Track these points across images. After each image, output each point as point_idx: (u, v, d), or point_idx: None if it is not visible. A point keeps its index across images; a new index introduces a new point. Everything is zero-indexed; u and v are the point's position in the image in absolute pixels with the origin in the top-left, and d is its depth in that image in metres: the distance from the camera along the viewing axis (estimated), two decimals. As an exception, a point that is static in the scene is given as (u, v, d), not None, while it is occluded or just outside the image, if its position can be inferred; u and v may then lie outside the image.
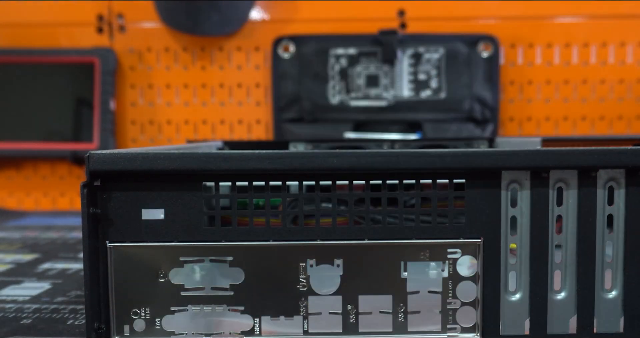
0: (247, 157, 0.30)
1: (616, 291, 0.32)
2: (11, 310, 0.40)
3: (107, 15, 0.95)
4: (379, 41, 0.89)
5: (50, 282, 0.48)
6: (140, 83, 0.96)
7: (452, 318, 0.32)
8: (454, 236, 0.31)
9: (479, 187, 0.31)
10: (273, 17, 0.94)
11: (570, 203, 0.31)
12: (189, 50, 0.95)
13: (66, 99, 0.94)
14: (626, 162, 0.31)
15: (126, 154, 0.30)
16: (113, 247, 0.31)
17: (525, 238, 0.31)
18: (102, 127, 0.92)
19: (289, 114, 0.92)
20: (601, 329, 0.32)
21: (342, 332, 0.32)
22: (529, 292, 0.32)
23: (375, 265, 0.31)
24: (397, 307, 0.32)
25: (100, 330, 0.31)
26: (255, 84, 0.95)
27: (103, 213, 0.31)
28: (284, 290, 0.31)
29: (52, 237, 0.70)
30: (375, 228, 0.31)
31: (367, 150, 0.31)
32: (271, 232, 0.31)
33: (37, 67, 0.94)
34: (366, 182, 0.31)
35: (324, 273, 0.31)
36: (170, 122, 0.96)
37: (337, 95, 0.91)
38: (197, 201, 0.31)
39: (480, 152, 0.30)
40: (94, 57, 0.93)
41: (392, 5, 0.92)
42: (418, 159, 0.30)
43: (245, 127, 0.96)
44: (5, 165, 0.97)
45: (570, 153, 0.30)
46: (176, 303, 0.31)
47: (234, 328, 0.32)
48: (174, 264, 0.31)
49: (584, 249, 0.31)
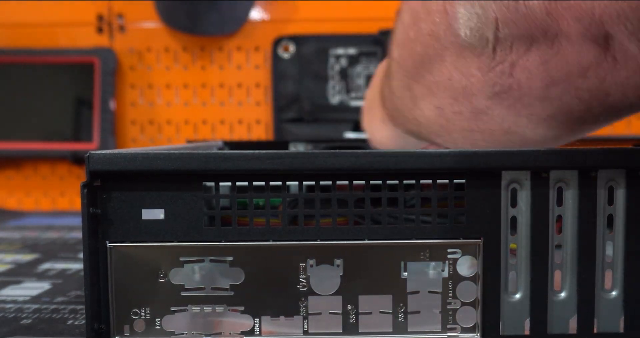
0: (247, 157, 0.30)
1: (616, 291, 0.32)
2: (11, 310, 0.40)
3: (107, 15, 0.95)
4: (379, 41, 0.90)
5: (50, 282, 0.48)
6: (140, 83, 0.96)
7: (452, 319, 0.32)
8: (454, 236, 0.31)
9: (479, 187, 0.31)
10: (273, 17, 0.95)
11: (570, 203, 0.31)
12: (189, 50, 0.95)
13: (66, 99, 0.94)
14: (626, 162, 0.31)
15: (126, 154, 0.30)
16: (113, 247, 0.31)
17: (525, 238, 0.31)
18: (102, 127, 0.92)
19: (289, 114, 0.92)
20: (601, 329, 0.32)
21: (342, 332, 0.32)
22: (529, 292, 0.32)
23: (375, 265, 0.31)
24: (397, 307, 0.32)
25: (100, 330, 0.31)
26: (255, 83, 0.95)
27: (103, 213, 0.31)
28: (284, 290, 0.31)
29: (52, 237, 0.70)
30: (375, 228, 0.31)
31: (367, 150, 0.31)
32: (271, 232, 0.31)
33: (37, 67, 0.94)
34: (366, 182, 0.31)
35: (324, 274, 0.31)
36: (170, 122, 0.96)
37: (337, 95, 0.91)
38: (197, 201, 0.31)
39: (480, 152, 0.30)
40: (94, 57, 0.93)
41: (392, 5, 0.92)
42: (418, 159, 0.30)
43: (245, 127, 0.96)
44: (5, 165, 0.97)
45: (570, 153, 0.30)
46: (176, 304, 0.31)
47: (234, 329, 0.32)
48: (174, 264, 0.31)
49: (584, 249, 0.31)
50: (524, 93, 0.28)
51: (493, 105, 0.29)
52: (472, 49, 0.28)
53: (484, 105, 0.30)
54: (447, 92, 0.31)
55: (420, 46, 0.31)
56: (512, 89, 0.28)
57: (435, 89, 0.31)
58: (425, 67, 0.31)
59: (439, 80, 0.31)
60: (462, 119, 0.31)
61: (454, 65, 0.29)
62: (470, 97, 0.30)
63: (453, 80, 0.30)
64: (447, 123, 0.32)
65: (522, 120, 0.30)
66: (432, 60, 0.30)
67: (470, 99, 0.30)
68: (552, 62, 0.27)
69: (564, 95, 0.28)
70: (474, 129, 0.31)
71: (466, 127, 0.31)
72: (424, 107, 0.33)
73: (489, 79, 0.28)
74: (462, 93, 0.30)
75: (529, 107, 0.29)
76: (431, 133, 0.34)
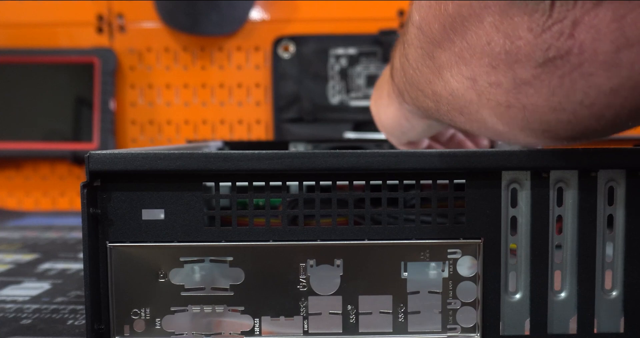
0: (247, 157, 0.30)
1: (616, 291, 0.32)
2: (11, 310, 0.40)
3: (107, 15, 0.95)
4: (379, 41, 0.90)
5: (50, 282, 0.48)
6: (140, 83, 0.96)
7: (452, 319, 0.32)
8: (454, 236, 0.31)
9: (479, 187, 0.31)
10: (273, 17, 0.94)
11: (570, 203, 0.31)
12: (189, 50, 0.95)
13: (66, 99, 0.94)
14: (626, 162, 0.31)
15: (126, 154, 0.30)
16: (113, 247, 0.31)
17: (525, 238, 0.31)
18: (102, 127, 0.92)
19: (289, 114, 0.92)
20: (601, 329, 0.32)
21: (342, 332, 0.32)
22: (529, 292, 0.32)
23: (376, 266, 0.31)
24: (397, 307, 0.32)
25: (100, 330, 0.31)
26: (255, 84, 0.95)
27: (103, 213, 0.31)
28: (284, 290, 0.31)
29: (52, 237, 0.70)
30: (375, 228, 0.31)
31: (367, 150, 0.31)
32: (271, 232, 0.31)
33: (37, 67, 0.94)
34: (366, 182, 0.31)
35: (324, 274, 0.31)
36: (170, 122, 0.96)
37: (337, 95, 0.91)
38: (197, 201, 0.31)
39: (480, 152, 0.30)
40: (94, 57, 0.93)
41: (392, 5, 0.92)
42: (418, 159, 0.30)
43: (245, 127, 0.96)
44: (5, 165, 0.97)
45: (570, 153, 0.30)
46: (176, 304, 0.31)
47: (234, 329, 0.32)
48: (174, 264, 0.31)
49: (584, 249, 0.31)
50: (586, 58, 0.23)
51: (543, 74, 0.25)
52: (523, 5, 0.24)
53: (531, 74, 0.25)
54: (484, 59, 0.26)
55: (451, 5, 0.27)
56: (570, 54, 0.24)
57: (467, 56, 0.27)
58: (457, 30, 0.27)
59: (474, 45, 0.26)
60: (499, 92, 0.27)
61: (496, 26, 0.25)
62: (514, 64, 0.25)
63: (493, 45, 0.25)
64: (479, 97, 0.28)
65: (577, 94, 0.25)
66: (466, 21, 0.26)
67: (514, 66, 0.25)
68: (629, 17, 0.22)
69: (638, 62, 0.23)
70: (513, 105, 0.27)
71: (503, 101, 0.27)
72: (450, 78, 0.28)
73: (541, 42, 0.24)
74: (504, 60, 0.25)
75: (590, 77, 0.24)
76: (453, 110, 0.30)
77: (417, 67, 0.31)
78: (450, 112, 0.30)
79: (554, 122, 0.26)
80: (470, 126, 0.30)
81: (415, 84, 0.32)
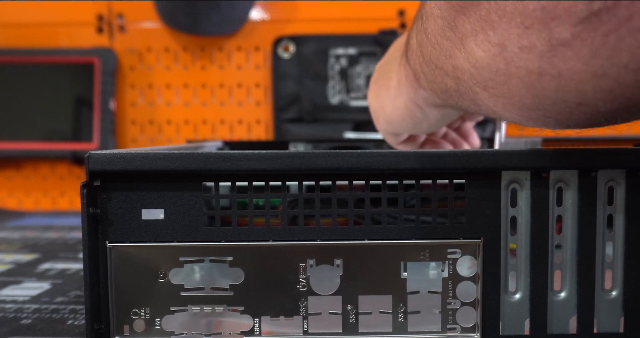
0: (247, 157, 0.30)
1: (616, 291, 0.32)
2: (11, 310, 0.40)
3: (107, 15, 0.95)
4: (379, 41, 0.89)
5: (50, 282, 0.48)
6: (140, 83, 0.96)
7: (452, 319, 0.32)
8: (454, 236, 0.31)
9: (479, 187, 0.31)
10: (273, 17, 0.94)
11: (570, 204, 0.31)
12: (189, 50, 0.95)
13: (66, 99, 0.94)
14: (626, 162, 0.31)
15: (126, 154, 0.30)
16: (113, 247, 0.31)
17: (525, 238, 0.31)
18: (102, 127, 0.92)
19: (289, 114, 0.92)
20: (601, 329, 0.32)
21: (342, 332, 0.32)
22: (529, 292, 0.32)
23: (375, 265, 0.31)
24: (397, 307, 0.32)
25: (100, 330, 0.31)
26: (255, 84, 0.95)
27: (103, 213, 0.31)
28: (284, 290, 0.31)
29: (52, 237, 0.70)
30: (375, 228, 0.31)
31: (367, 150, 0.31)
32: (271, 232, 0.31)
33: (37, 67, 0.94)
34: (366, 182, 0.31)
35: (324, 274, 0.31)
36: (170, 122, 0.96)
37: (337, 95, 0.91)
38: (197, 201, 0.31)
39: (480, 152, 0.30)
40: (94, 57, 0.93)
41: (392, 5, 0.92)
42: (418, 159, 0.30)
43: (245, 127, 0.96)
44: (5, 165, 0.97)
45: (570, 153, 0.30)
46: (176, 304, 0.31)
47: (234, 329, 0.32)
48: (173, 264, 0.31)
49: (584, 249, 0.31)
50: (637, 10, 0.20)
51: (584, 32, 0.22)
52: None
53: (570, 32, 0.22)
54: (515, 20, 0.23)
55: None
56: (618, 5, 0.20)
57: (496, 19, 0.24)
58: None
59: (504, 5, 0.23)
60: (531, 58, 0.24)
61: None
62: (551, 22, 0.22)
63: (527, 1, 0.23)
64: (507, 66, 0.25)
65: (622, 55, 0.21)
66: None
67: (550, 25, 0.22)
68: None
69: None
70: (547, 72, 0.23)
71: (535, 68, 0.24)
72: (474, 47, 0.26)
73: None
74: (539, 17, 0.22)
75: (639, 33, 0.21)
76: (477, 84, 0.27)
77: (436, 42, 0.29)
78: (472, 89, 0.27)
79: (591, 91, 0.23)
80: (494, 103, 0.27)
81: (434, 62, 0.30)
